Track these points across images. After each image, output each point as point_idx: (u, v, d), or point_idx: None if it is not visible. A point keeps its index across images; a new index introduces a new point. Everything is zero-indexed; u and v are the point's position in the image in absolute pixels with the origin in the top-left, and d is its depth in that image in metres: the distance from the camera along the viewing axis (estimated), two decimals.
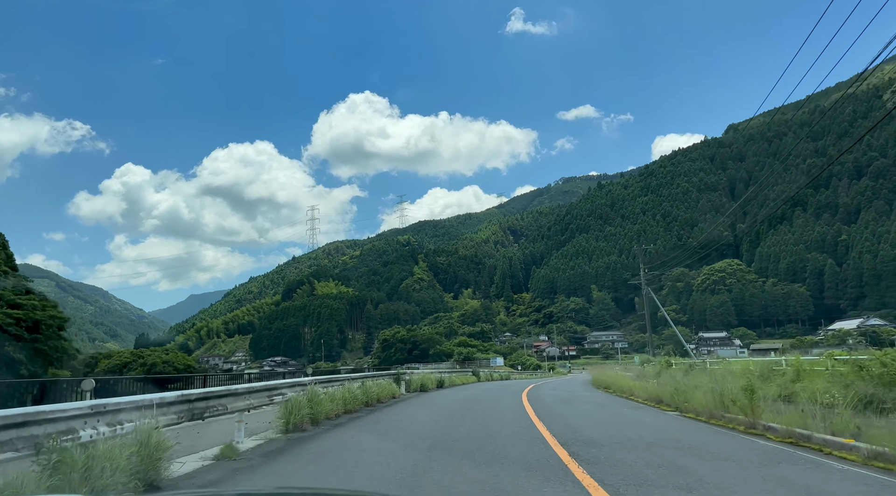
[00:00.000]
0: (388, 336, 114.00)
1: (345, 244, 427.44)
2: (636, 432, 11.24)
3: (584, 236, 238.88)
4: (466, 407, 16.54)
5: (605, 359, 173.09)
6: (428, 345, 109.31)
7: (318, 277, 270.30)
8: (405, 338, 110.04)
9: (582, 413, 15.91)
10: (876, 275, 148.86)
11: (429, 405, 17.51)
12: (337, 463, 7.89)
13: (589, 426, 12.37)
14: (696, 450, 8.92)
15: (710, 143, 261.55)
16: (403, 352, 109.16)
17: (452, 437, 10.55)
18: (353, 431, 11.86)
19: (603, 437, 10.42)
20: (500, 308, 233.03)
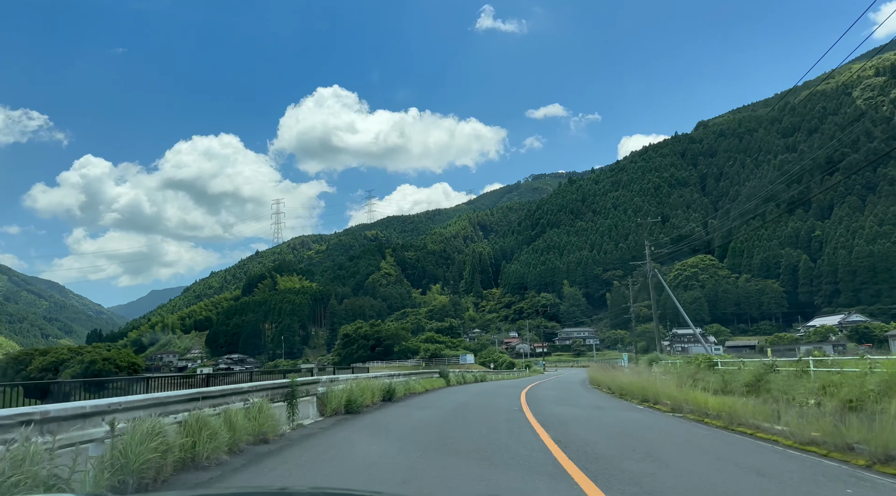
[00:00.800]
0: (350, 331, 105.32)
1: (310, 239, 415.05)
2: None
3: (555, 231, 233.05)
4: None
5: (576, 357, 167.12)
6: (392, 341, 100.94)
7: (281, 271, 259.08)
8: (368, 334, 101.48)
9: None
10: (851, 272, 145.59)
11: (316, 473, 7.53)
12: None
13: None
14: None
15: (681, 138, 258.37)
16: (366, 348, 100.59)
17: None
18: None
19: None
20: (469, 304, 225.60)
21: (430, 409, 16.23)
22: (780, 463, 7.65)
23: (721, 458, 8.11)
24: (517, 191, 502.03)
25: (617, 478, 6.60)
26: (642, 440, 9.79)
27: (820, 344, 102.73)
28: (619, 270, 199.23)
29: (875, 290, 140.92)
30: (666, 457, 8.05)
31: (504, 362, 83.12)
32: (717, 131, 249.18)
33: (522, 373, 56.38)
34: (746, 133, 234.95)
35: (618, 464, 7.53)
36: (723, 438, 10.10)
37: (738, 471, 7.17)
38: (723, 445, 9.26)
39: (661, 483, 6.39)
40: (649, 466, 7.37)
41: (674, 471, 7.16)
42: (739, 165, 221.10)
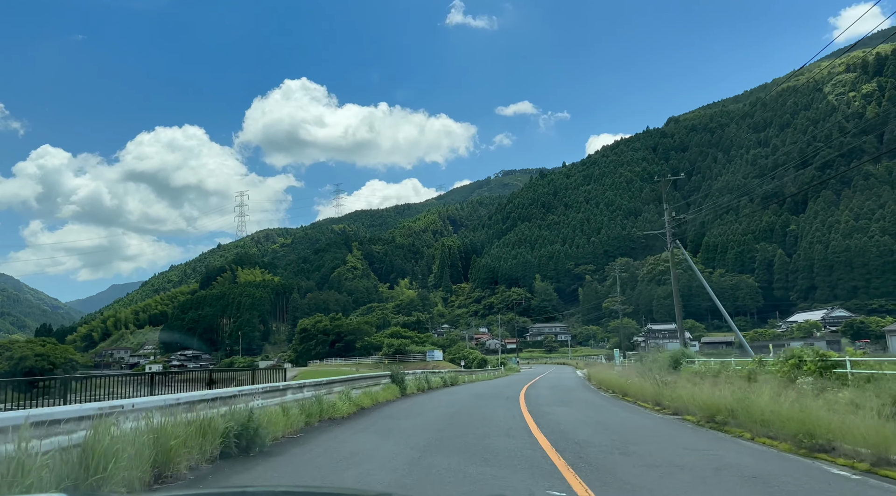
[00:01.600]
0: (308, 326, 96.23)
1: (275, 232, 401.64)
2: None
3: (527, 225, 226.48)
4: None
5: (548, 353, 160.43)
6: (354, 336, 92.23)
7: (242, 264, 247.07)
8: (327, 329, 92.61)
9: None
10: (827, 266, 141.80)
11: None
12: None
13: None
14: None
15: (652, 133, 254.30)
16: (325, 344, 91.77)
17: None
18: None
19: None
20: (438, 299, 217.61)
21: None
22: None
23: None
24: (487, 186, 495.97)
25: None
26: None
27: (805, 340, 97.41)
28: (591, 265, 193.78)
29: (851, 286, 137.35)
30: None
31: (476, 359, 75.17)
32: (688, 126, 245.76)
33: (498, 372, 48.40)
34: (718, 128, 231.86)
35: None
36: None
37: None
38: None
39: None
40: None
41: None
42: (711, 160, 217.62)
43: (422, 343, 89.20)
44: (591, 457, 7.89)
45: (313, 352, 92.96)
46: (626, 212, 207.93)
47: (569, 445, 8.94)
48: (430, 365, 66.99)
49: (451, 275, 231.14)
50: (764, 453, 8.44)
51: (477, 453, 8.30)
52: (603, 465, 7.34)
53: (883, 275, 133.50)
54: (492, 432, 10.62)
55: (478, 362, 73.54)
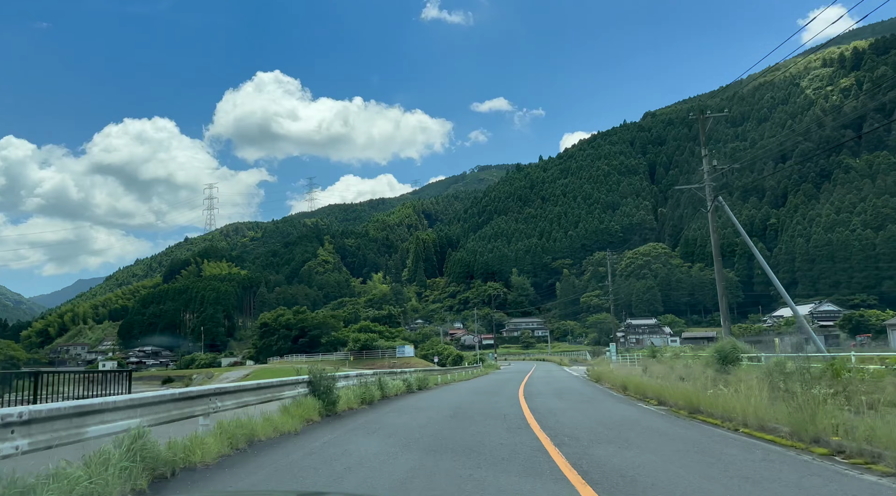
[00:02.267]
0: (270, 320, 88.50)
1: (245, 226, 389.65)
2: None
3: (503, 218, 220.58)
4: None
5: (525, 348, 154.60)
6: (320, 331, 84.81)
7: (208, 257, 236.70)
8: (290, 323, 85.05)
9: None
10: (809, 260, 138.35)
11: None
12: None
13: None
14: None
15: (629, 127, 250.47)
16: (287, 340, 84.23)
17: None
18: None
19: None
20: (412, 293, 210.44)
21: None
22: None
23: None
24: (463, 181, 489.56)
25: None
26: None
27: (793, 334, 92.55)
28: (568, 259, 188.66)
29: (834, 280, 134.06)
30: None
31: (451, 355, 68.41)
32: (665, 120, 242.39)
33: (476, 371, 41.57)
34: (695, 122, 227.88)
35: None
36: None
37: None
38: None
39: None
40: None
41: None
42: (689, 153, 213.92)
43: (392, 338, 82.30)
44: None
45: (275, 347, 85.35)
46: (604, 205, 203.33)
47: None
48: (400, 362, 60.07)
49: (425, 269, 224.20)
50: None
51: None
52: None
53: (865, 269, 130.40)
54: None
55: (453, 359, 66.83)
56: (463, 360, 65.80)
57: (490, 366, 54.56)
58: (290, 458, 7.77)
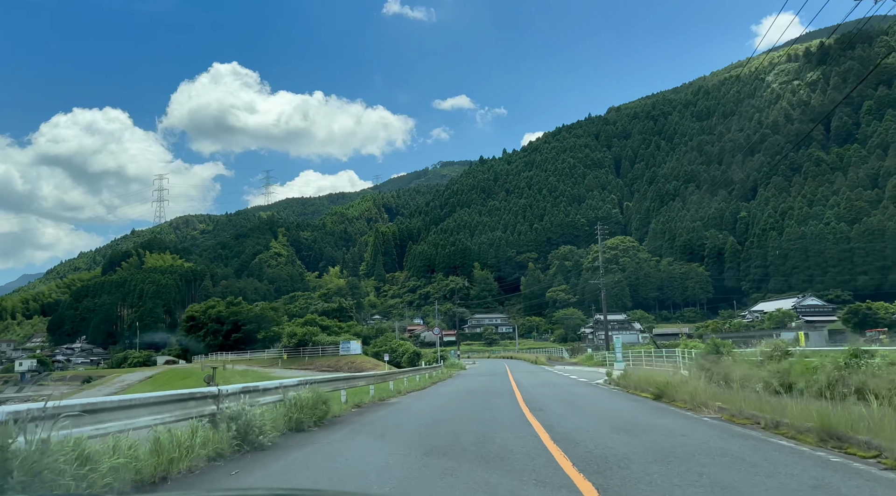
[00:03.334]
0: (197, 313, 75.89)
1: (196, 218, 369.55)
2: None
3: (466, 211, 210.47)
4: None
5: (488, 346, 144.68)
6: (257, 324, 72.77)
7: (152, 248, 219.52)
8: (222, 316, 72.75)
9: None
10: (782, 255, 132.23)
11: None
12: None
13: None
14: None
15: (594, 120, 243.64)
16: (218, 335, 71.92)
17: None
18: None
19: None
20: (371, 288, 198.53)
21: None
22: None
23: None
24: (425, 177, 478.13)
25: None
26: None
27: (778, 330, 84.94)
28: (533, 252, 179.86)
29: (807, 275, 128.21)
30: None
31: (407, 353, 57.53)
32: (630, 114, 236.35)
33: (437, 373, 30.52)
34: (661, 116, 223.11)
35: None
36: None
37: None
38: None
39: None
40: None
41: None
42: (655, 147, 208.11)
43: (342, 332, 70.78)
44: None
45: (203, 344, 72.91)
46: (570, 198, 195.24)
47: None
48: (343, 362, 48.80)
49: (384, 263, 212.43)
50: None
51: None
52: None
53: (840, 263, 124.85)
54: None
55: (409, 357, 55.99)
56: (420, 358, 55.00)
57: (453, 365, 43.87)
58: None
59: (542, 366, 47.77)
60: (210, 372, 25.10)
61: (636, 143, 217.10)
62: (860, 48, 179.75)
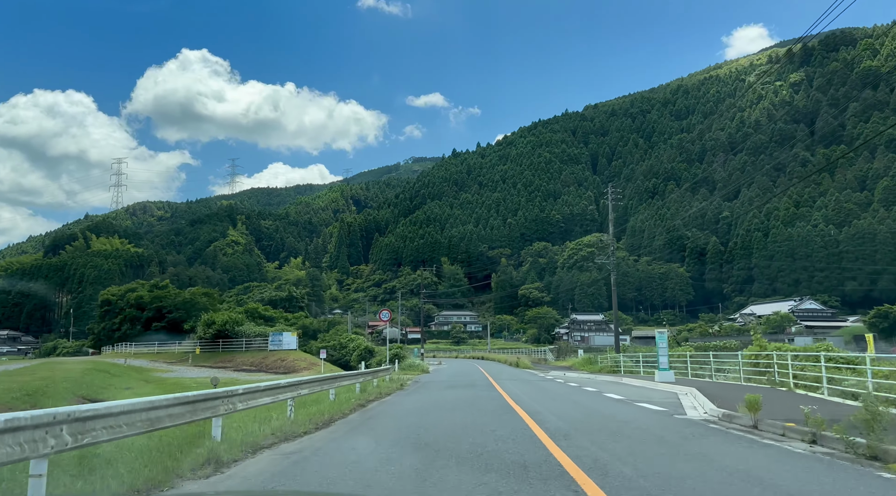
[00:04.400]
0: (114, 297, 63.48)
1: (155, 205, 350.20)
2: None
3: (437, 203, 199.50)
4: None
5: (456, 344, 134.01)
6: (185, 312, 60.70)
7: (99, 232, 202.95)
8: (143, 302, 60.54)
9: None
10: (767, 257, 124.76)
11: None
12: None
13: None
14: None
15: (572, 116, 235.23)
16: (139, 323, 59.75)
17: None
18: None
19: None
20: (333, 281, 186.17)
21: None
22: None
23: None
24: (397, 172, 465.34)
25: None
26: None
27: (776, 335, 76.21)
28: (506, 248, 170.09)
29: (794, 278, 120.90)
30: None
31: (358, 350, 46.33)
32: (608, 111, 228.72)
33: (383, 382, 19.10)
34: (639, 114, 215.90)
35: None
36: None
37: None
38: None
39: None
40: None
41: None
42: (633, 145, 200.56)
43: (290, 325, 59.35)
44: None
45: (119, 333, 60.54)
46: (545, 193, 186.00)
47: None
48: (271, 359, 37.44)
49: (349, 255, 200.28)
50: None
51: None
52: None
53: (828, 267, 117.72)
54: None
55: (360, 354, 44.85)
56: (373, 356, 43.90)
57: (411, 368, 33.00)
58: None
59: (527, 369, 37.22)
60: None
61: (614, 140, 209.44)
62: (843, 50, 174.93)
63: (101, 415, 5.03)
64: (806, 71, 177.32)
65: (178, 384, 25.83)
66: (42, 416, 4.28)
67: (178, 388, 20.24)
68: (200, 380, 25.60)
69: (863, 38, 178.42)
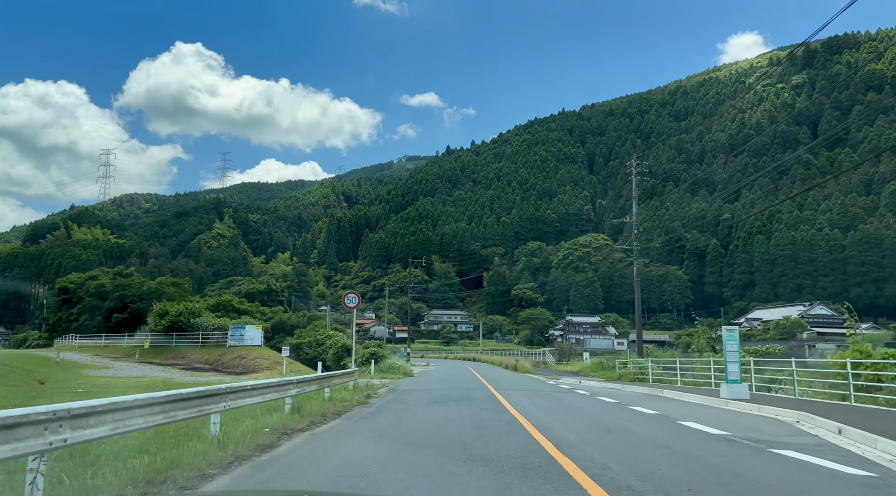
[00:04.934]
0: (73, 284, 57.66)
1: (143, 197, 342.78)
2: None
3: (429, 200, 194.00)
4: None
5: (446, 344, 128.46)
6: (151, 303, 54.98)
7: (80, 221, 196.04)
8: (105, 291, 54.86)
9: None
10: (770, 261, 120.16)
11: None
12: None
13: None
14: None
15: (568, 115, 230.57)
16: (97, 313, 54.04)
17: None
18: None
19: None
20: (320, 277, 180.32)
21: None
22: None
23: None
24: (389, 170, 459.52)
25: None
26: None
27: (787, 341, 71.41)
28: (500, 247, 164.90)
29: (797, 284, 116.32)
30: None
31: (334, 347, 40.77)
32: (605, 111, 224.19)
33: (342, 384, 13.57)
34: (637, 114, 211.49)
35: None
36: None
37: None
38: None
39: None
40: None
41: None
42: (630, 145, 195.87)
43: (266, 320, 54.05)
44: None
45: (76, 324, 54.84)
46: (541, 192, 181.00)
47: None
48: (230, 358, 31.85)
49: (338, 251, 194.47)
50: None
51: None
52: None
53: (832, 272, 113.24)
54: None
55: (336, 352, 39.37)
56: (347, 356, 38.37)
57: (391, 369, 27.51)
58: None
59: (528, 374, 31.84)
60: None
61: (611, 140, 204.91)
62: (847, 53, 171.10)
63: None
64: (808, 73, 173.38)
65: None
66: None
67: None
68: (113, 383, 20.00)
69: (867, 41, 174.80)
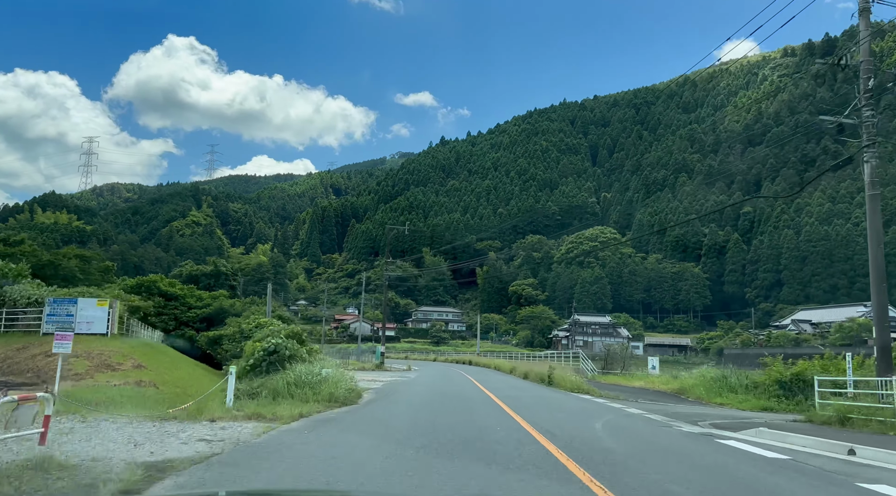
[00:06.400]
0: None
1: (125, 187, 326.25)
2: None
3: (421, 189, 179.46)
4: None
5: (435, 344, 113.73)
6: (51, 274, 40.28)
7: (46, 205, 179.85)
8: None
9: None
10: (800, 258, 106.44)
11: None
12: None
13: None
14: None
15: (570, 105, 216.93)
16: None
17: None
18: None
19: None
20: (301, 269, 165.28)
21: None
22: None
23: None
24: (382, 166, 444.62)
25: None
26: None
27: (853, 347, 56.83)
28: (496, 241, 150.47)
29: (831, 284, 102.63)
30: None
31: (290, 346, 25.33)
32: (610, 102, 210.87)
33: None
34: (643, 105, 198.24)
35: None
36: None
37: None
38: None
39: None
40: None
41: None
42: (636, 137, 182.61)
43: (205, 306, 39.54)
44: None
45: None
46: (541, 183, 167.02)
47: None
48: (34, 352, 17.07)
49: (322, 243, 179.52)
50: None
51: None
52: None
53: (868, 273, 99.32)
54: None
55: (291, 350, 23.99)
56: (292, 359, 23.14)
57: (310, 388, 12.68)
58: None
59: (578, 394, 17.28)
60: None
61: (616, 131, 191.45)
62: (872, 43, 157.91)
63: None
64: (829, 61, 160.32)
65: None
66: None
67: None
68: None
69: (890, 30, 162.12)
